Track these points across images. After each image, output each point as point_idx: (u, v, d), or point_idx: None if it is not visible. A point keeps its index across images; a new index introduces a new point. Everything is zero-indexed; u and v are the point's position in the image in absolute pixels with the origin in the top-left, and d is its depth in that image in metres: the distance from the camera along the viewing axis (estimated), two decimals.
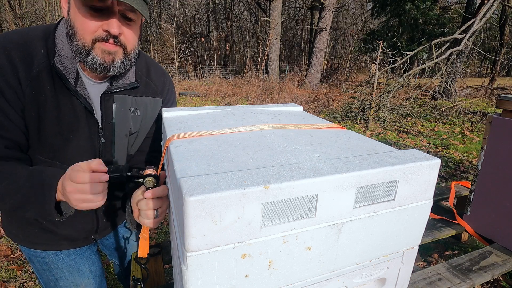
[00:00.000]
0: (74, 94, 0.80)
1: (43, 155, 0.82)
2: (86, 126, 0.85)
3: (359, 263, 0.68)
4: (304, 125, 0.93)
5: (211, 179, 0.51)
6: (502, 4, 6.84)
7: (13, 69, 0.73)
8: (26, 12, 12.73)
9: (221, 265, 0.52)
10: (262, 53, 9.94)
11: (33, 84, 0.75)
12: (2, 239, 2.43)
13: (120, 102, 0.89)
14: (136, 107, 0.92)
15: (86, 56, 0.76)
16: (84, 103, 0.82)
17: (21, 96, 0.74)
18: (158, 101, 0.99)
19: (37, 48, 0.76)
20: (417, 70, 6.01)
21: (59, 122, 0.80)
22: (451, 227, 1.83)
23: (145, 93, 0.95)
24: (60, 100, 0.79)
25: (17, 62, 0.73)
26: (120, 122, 0.90)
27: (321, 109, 7.85)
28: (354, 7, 23.18)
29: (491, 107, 8.24)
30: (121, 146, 0.93)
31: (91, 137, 0.86)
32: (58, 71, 0.77)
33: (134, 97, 0.92)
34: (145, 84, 0.95)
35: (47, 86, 0.77)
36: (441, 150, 4.68)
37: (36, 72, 0.75)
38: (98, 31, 0.74)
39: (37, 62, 0.75)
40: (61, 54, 0.77)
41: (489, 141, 1.65)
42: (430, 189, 0.69)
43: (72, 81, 0.79)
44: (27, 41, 0.76)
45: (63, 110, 0.80)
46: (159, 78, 1.00)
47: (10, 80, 0.72)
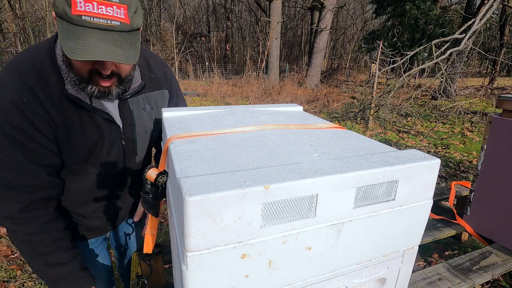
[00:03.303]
0: (91, 110, 0.86)
1: (76, 163, 0.90)
2: (109, 133, 0.92)
3: (359, 263, 0.68)
4: (304, 125, 0.93)
5: (211, 179, 0.51)
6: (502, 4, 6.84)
7: (39, 102, 0.77)
8: (26, 12, 12.73)
9: (221, 265, 0.52)
10: (262, 53, 9.95)
11: (58, 110, 0.81)
12: (2, 239, 2.43)
13: (135, 104, 0.96)
14: (148, 103, 1.00)
15: (85, 87, 0.80)
16: (102, 114, 0.88)
17: (52, 124, 0.81)
18: (164, 93, 1.06)
19: (50, 74, 0.80)
20: (417, 70, 6.01)
21: (85, 135, 0.87)
22: (451, 227, 1.83)
23: (151, 89, 1.01)
24: (82, 117, 0.86)
25: (40, 95, 0.78)
26: (139, 122, 0.98)
27: (321, 109, 7.85)
28: (354, 7, 23.17)
29: (491, 107, 8.23)
30: (143, 143, 1.02)
31: (115, 141, 0.94)
32: (72, 97, 0.81)
33: (144, 95, 0.99)
34: (149, 79, 1.00)
35: (69, 109, 0.83)
36: (441, 150, 4.68)
37: (57, 99, 0.81)
38: (92, 67, 0.77)
39: (54, 89, 0.80)
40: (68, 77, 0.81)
41: (489, 141, 1.65)
42: (430, 189, 0.69)
43: (87, 100, 0.84)
44: (40, 70, 0.79)
45: (86, 125, 0.87)
46: (160, 70, 1.05)
47: (40, 112, 0.78)
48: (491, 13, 5.14)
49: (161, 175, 0.76)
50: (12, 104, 0.75)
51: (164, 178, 0.77)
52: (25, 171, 0.79)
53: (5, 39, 12.70)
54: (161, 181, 0.76)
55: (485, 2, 6.09)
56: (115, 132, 0.93)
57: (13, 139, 0.76)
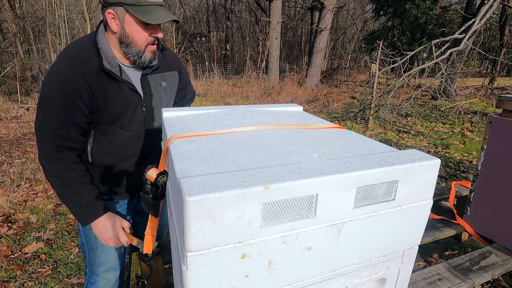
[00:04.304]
0: (121, 81, 1.12)
1: (107, 123, 1.14)
2: (133, 100, 1.17)
3: (359, 263, 0.68)
4: (304, 125, 0.93)
5: (211, 179, 0.51)
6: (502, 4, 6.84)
7: (82, 74, 1.04)
8: (26, 12, 12.72)
9: (221, 265, 0.52)
10: (262, 53, 9.94)
11: (96, 81, 1.07)
12: (2, 239, 2.43)
13: (153, 80, 1.23)
14: (163, 81, 1.27)
15: (140, 58, 1.11)
16: (129, 85, 1.14)
17: (89, 91, 1.06)
18: (175, 73, 1.34)
19: (91, 55, 1.07)
20: (417, 70, 6.01)
21: (114, 102, 1.12)
22: (451, 227, 1.83)
23: (165, 70, 1.28)
24: (113, 86, 1.11)
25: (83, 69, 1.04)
26: (156, 95, 1.24)
27: (321, 109, 7.85)
28: (354, 7, 23.16)
29: (491, 107, 8.23)
30: (160, 111, 1.24)
31: (137, 107, 1.19)
32: (107, 70, 1.08)
33: (160, 74, 1.25)
34: (163, 63, 1.27)
35: (104, 80, 1.09)
36: (441, 150, 4.68)
37: (95, 72, 1.07)
38: (149, 38, 1.09)
39: (93, 64, 1.07)
40: (106, 56, 1.09)
41: (489, 141, 1.65)
42: (430, 189, 0.69)
43: (118, 73, 1.11)
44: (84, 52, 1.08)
45: (116, 93, 1.12)
46: (171, 57, 1.34)
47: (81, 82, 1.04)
48: (491, 13, 5.14)
49: (161, 175, 0.76)
50: (63, 74, 1.03)
51: (164, 178, 0.77)
52: (60, 124, 1.05)
53: (5, 39, 12.69)
54: (161, 181, 0.76)
55: (485, 2, 6.08)
56: (137, 100, 1.18)
57: (60, 101, 1.03)
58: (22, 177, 3.52)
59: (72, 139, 1.09)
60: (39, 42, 13.32)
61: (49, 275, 2.05)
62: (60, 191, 1.10)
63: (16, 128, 5.82)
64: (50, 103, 1.03)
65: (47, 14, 11.25)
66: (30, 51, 12.56)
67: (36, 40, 13.22)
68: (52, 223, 2.69)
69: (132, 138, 1.20)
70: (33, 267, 2.12)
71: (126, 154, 1.22)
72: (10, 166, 3.82)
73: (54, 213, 2.87)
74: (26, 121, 6.35)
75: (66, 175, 1.09)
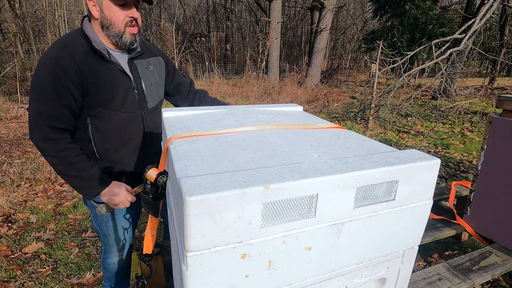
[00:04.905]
0: (110, 62, 1.19)
1: (100, 107, 1.19)
2: (123, 82, 1.23)
3: (359, 263, 0.68)
4: (304, 125, 0.93)
5: (211, 179, 0.51)
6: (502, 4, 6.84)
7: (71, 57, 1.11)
8: (26, 12, 12.72)
9: (221, 265, 0.52)
10: (262, 53, 9.94)
11: (84, 61, 1.13)
12: (2, 239, 2.43)
13: (140, 64, 1.30)
14: (150, 65, 1.35)
15: (120, 38, 1.18)
16: (118, 67, 1.21)
17: (79, 72, 1.12)
18: (159, 58, 1.43)
19: (79, 40, 1.16)
20: (417, 70, 6.01)
21: (105, 82, 1.17)
22: (451, 227, 1.83)
23: (149, 56, 1.38)
24: (102, 68, 1.17)
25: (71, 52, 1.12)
26: (144, 77, 1.31)
27: (321, 109, 7.85)
28: (354, 7, 23.15)
29: (491, 107, 8.23)
30: (151, 93, 1.33)
31: (129, 90, 1.24)
32: (96, 50, 1.15)
33: (146, 60, 1.34)
34: (146, 50, 1.38)
35: (92, 61, 1.15)
36: (441, 150, 4.68)
37: (84, 53, 1.14)
38: (126, 19, 1.16)
39: (82, 48, 1.14)
40: (94, 40, 1.16)
41: (489, 141, 1.65)
42: (430, 189, 0.69)
43: (106, 55, 1.17)
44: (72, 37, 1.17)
45: (106, 74, 1.18)
46: (153, 46, 1.47)
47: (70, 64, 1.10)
48: (491, 13, 5.14)
49: (161, 175, 0.76)
50: (52, 58, 1.10)
51: (164, 178, 0.77)
52: (53, 105, 1.10)
53: (5, 39, 12.69)
54: (161, 181, 0.76)
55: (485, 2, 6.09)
56: (127, 82, 1.24)
57: (50, 83, 1.09)
58: (22, 177, 3.52)
59: (65, 121, 1.14)
60: (39, 42, 13.32)
61: (49, 275, 2.05)
62: (63, 170, 1.16)
63: (16, 128, 5.82)
64: (42, 87, 1.10)
65: (47, 14, 11.25)
66: (30, 51, 12.56)
67: (36, 40, 13.22)
68: (52, 223, 2.69)
69: (128, 119, 1.25)
70: (33, 267, 2.12)
71: (125, 137, 1.27)
72: (10, 166, 3.82)
73: (54, 213, 2.87)
74: (26, 121, 6.35)
75: (65, 155, 1.14)
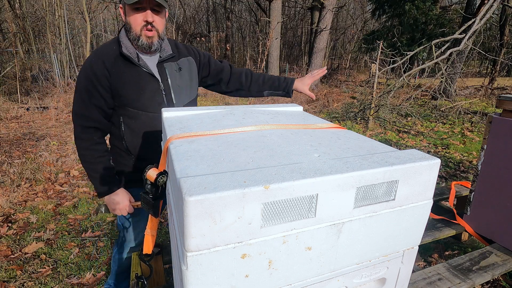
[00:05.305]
0: (138, 66, 1.28)
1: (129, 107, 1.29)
2: (151, 84, 1.31)
3: (359, 263, 0.68)
4: (304, 125, 0.93)
5: (211, 179, 0.51)
6: (502, 4, 6.84)
7: (102, 62, 1.23)
8: (26, 12, 12.72)
9: (221, 265, 0.52)
10: (262, 53, 9.94)
11: (113, 65, 1.25)
12: (2, 239, 2.43)
13: (169, 67, 1.37)
14: (179, 67, 1.41)
15: (138, 41, 1.25)
16: (146, 69, 1.29)
17: (108, 76, 1.24)
18: (190, 58, 1.47)
19: (112, 46, 1.28)
20: (417, 70, 6.01)
21: (133, 84, 1.27)
22: (451, 227, 1.83)
23: (179, 57, 1.43)
24: (131, 71, 1.27)
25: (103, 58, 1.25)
26: (172, 79, 1.37)
27: (321, 109, 7.85)
28: (354, 7, 23.13)
29: (491, 107, 8.22)
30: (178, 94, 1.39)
31: (156, 91, 1.32)
32: (126, 55, 1.25)
33: (175, 62, 1.40)
34: (178, 53, 1.43)
35: (121, 65, 1.26)
36: (441, 150, 4.68)
37: (114, 58, 1.25)
38: (141, 22, 1.22)
39: (112, 53, 1.26)
40: (125, 45, 1.27)
41: (489, 141, 1.65)
42: (430, 189, 0.69)
43: (135, 59, 1.27)
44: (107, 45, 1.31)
45: (133, 76, 1.27)
46: (184, 47, 1.50)
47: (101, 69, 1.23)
48: (491, 13, 5.13)
49: (161, 175, 0.76)
50: (88, 64, 1.25)
51: (164, 178, 0.77)
52: (85, 106, 1.24)
53: (5, 39, 12.69)
54: (161, 181, 0.76)
55: (485, 2, 6.08)
56: (155, 84, 1.32)
57: (84, 85, 1.24)
58: (22, 177, 3.52)
59: (94, 120, 1.27)
60: (39, 42, 13.32)
61: (49, 275, 2.05)
62: (83, 165, 1.32)
63: (16, 128, 5.82)
64: (78, 89, 1.26)
65: (47, 14, 11.24)
66: (30, 51, 12.56)
67: (36, 40, 13.21)
68: (52, 223, 2.69)
69: (154, 119, 1.33)
70: (33, 267, 2.12)
71: (152, 136, 1.35)
72: (10, 166, 3.82)
73: (54, 213, 2.87)
74: (26, 121, 6.36)
75: (86, 154, 1.28)
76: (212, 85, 1.60)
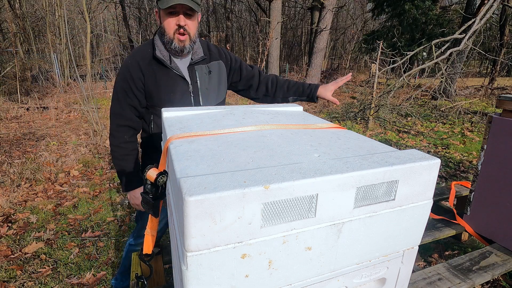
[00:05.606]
0: (170, 68, 1.34)
1: (159, 107, 1.33)
2: (181, 85, 1.37)
3: (359, 263, 0.68)
4: (304, 125, 0.93)
5: (211, 179, 0.51)
6: (502, 4, 6.84)
7: (137, 64, 1.32)
8: (26, 12, 12.72)
9: (221, 265, 0.52)
10: (262, 53, 9.94)
11: (147, 67, 1.32)
12: (2, 239, 2.43)
13: (199, 70, 1.42)
14: (209, 70, 1.45)
15: (171, 44, 1.30)
16: (178, 72, 1.36)
17: (142, 78, 1.32)
18: (220, 62, 1.51)
19: (147, 49, 1.36)
20: (417, 70, 6.00)
21: (164, 86, 1.34)
22: (451, 227, 1.83)
23: (210, 60, 1.48)
24: (163, 73, 1.34)
25: (138, 60, 1.33)
26: (202, 81, 1.42)
27: (321, 109, 7.85)
28: (354, 7, 23.12)
29: (491, 107, 8.22)
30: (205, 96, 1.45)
31: (185, 93, 1.39)
32: (158, 58, 1.32)
33: (206, 65, 1.45)
34: (209, 55, 1.48)
35: (155, 67, 1.33)
36: (441, 150, 4.68)
37: (148, 60, 1.33)
38: (174, 26, 1.27)
39: (148, 55, 1.34)
40: (158, 48, 1.34)
41: (489, 141, 1.65)
42: (430, 189, 0.69)
43: (168, 61, 1.34)
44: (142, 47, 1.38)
45: (165, 78, 1.35)
46: (215, 50, 1.53)
47: (136, 70, 1.31)
48: (491, 13, 5.13)
49: (161, 175, 0.76)
50: (125, 65, 1.34)
51: (164, 178, 0.77)
52: (120, 105, 1.34)
53: (5, 39, 12.69)
54: (161, 181, 0.76)
55: (485, 2, 6.08)
56: (185, 86, 1.38)
57: (121, 86, 1.33)
58: (22, 177, 3.52)
59: (127, 118, 1.35)
60: (39, 42, 13.32)
61: (49, 275, 2.05)
62: (113, 162, 1.41)
63: (16, 128, 5.82)
64: (115, 89, 1.35)
65: (47, 14, 11.24)
66: (30, 51, 12.57)
67: (36, 40, 13.22)
68: (52, 223, 2.69)
69: None
70: (33, 267, 2.12)
71: None
72: (10, 166, 3.82)
73: (54, 213, 2.87)
74: (26, 121, 6.36)
75: (116, 150, 1.37)
76: (242, 91, 1.65)
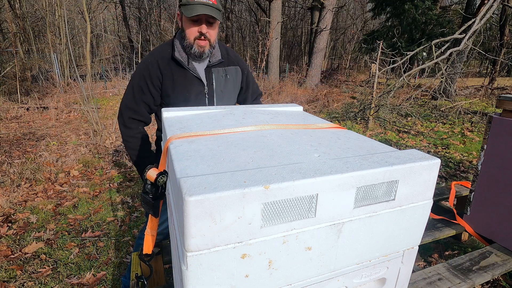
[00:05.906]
0: (188, 69, 1.40)
1: (175, 106, 1.37)
2: (196, 86, 1.42)
3: (359, 263, 0.68)
4: (304, 125, 0.93)
5: (211, 179, 0.51)
6: (502, 4, 6.84)
7: (156, 63, 1.37)
8: (26, 12, 12.72)
9: (221, 265, 0.52)
10: (262, 53, 9.94)
11: (166, 67, 1.38)
12: (2, 239, 2.43)
13: (216, 72, 1.47)
14: (226, 74, 1.50)
15: (190, 49, 1.36)
16: (194, 74, 1.41)
17: (160, 77, 1.37)
18: (237, 68, 1.56)
19: (166, 49, 1.41)
20: (417, 70, 6.00)
21: (180, 86, 1.40)
22: (451, 227, 1.83)
23: (228, 64, 1.52)
24: (180, 73, 1.39)
25: (157, 59, 1.38)
26: (217, 84, 1.47)
27: (321, 109, 7.85)
28: (354, 7, 23.13)
29: (491, 107, 8.22)
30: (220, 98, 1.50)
31: (200, 93, 1.44)
32: (177, 59, 1.37)
33: (223, 68, 1.50)
34: (227, 60, 1.52)
35: (173, 67, 1.39)
36: (441, 150, 4.68)
37: (167, 60, 1.38)
38: (196, 33, 1.33)
39: (167, 56, 1.39)
40: (178, 49, 1.39)
41: (489, 141, 1.65)
42: (430, 189, 0.69)
43: (186, 63, 1.39)
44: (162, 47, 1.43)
45: (182, 79, 1.40)
46: (234, 55, 1.58)
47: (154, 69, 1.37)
48: (491, 13, 5.13)
49: (161, 175, 0.76)
50: (144, 63, 1.39)
51: (164, 178, 0.77)
52: (135, 101, 1.39)
53: (5, 39, 12.69)
54: (161, 181, 0.76)
55: (485, 2, 6.09)
56: (200, 87, 1.43)
57: (138, 82, 1.38)
58: (22, 177, 3.52)
59: (140, 114, 1.41)
60: (39, 42, 13.32)
61: (49, 275, 2.05)
62: (127, 151, 1.46)
63: (16, 128, 5.82)
64: (131, 83, 1.40)
65: (47, 14, 11.24)
66: (30, 51, 12.57)
67: (36, 40, 13.21)
68: (52, 223, 2.69)
69: None
70: (33, 267, 2.12)
71: None
72: (10, 166, 3.82)
73: (54, 213, 2.87)
74: (26, 121, 6.36)
75: (131, 141, 1.42)
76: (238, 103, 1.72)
